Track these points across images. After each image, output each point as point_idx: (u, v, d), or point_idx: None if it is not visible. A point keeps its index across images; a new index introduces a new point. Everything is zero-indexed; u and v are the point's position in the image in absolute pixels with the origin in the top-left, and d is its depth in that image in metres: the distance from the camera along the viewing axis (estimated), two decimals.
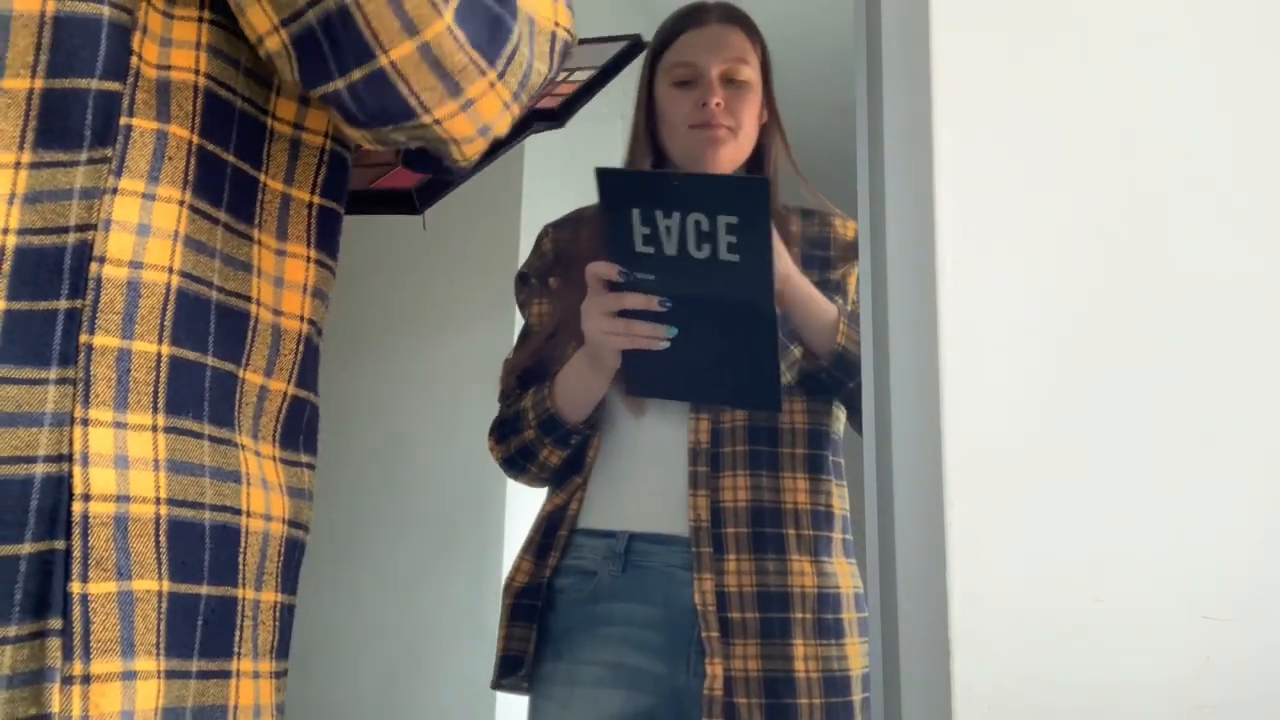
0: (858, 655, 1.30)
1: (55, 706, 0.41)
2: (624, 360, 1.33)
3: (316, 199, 0.61)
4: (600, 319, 1.31)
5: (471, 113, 0.58)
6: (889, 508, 1.71)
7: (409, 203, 1.03)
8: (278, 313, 0.57)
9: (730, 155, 1.36)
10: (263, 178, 0.57)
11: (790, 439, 1.33)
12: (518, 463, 1.48)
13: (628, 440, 1.38)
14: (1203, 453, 1.50)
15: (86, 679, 0.43)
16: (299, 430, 0.59)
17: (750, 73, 1.42)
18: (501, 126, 0.62)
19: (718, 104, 1.40)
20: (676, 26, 1.49)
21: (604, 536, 1.38)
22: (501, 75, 0.59)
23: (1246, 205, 1.55)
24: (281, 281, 0.57)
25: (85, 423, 0.45)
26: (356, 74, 0.54)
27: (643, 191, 1.21)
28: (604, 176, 1.18)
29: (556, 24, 0.68)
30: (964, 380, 1.57)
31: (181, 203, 0.49)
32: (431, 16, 0.54)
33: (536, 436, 1.43)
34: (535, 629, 1.35)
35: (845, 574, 1.31)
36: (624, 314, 1.28)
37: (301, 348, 0.59)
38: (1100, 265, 1.57)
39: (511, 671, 1.39)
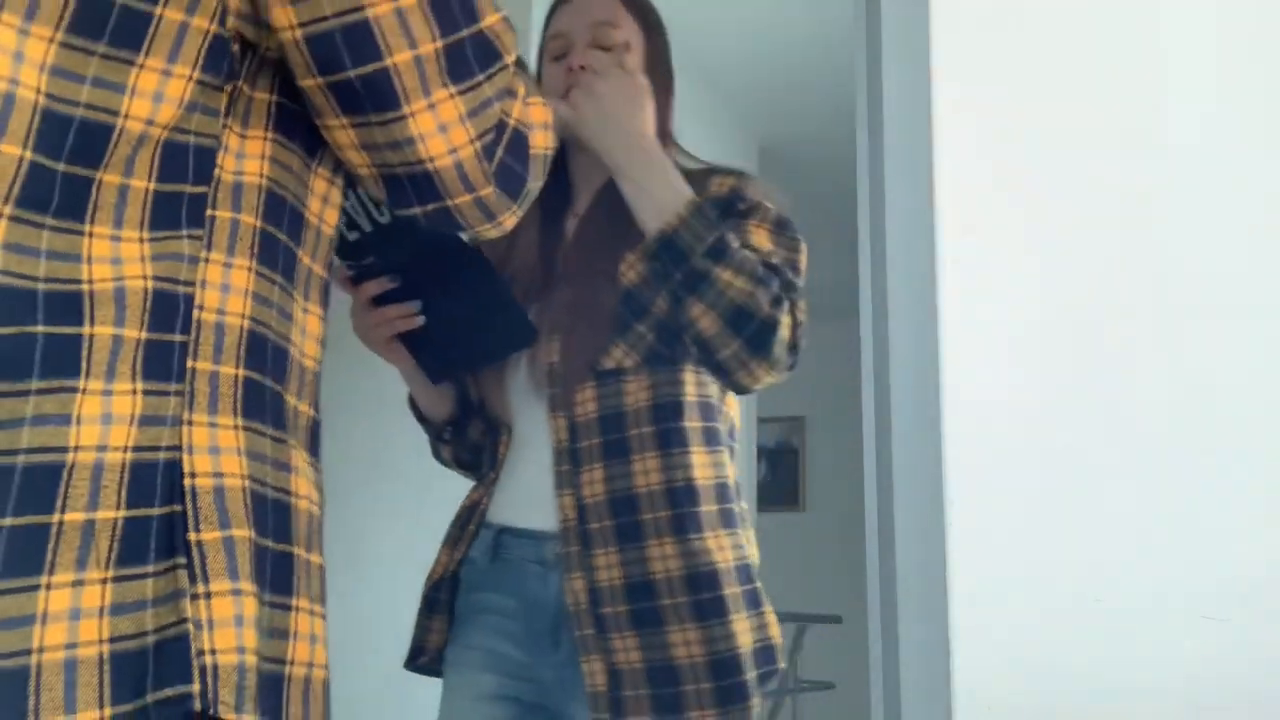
0: (746, 631, 1.26)
1: (189, 613, 0.60)
2: (411, 351, 1.35)
3: (323, 273, 0.81)
4: (358, 319, 1.33)
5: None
6: (889, 508, 1.72)
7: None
8: (303, 354, 0.77)
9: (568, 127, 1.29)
10: (301, 254, 0.75)
11: (635, 419, 1.28)
12: (435, 457, 1.52)
13: (518, 438, 1.40)
14: (1203, 453, 1.50)
15: (208, 595, 0.61)
16: (317, 441, 0.77)
17: (623, 35, 1.34)
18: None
19: (581, 67, 1.36)
20: (553, 7, 1.45)
21: (487, 529, 1.40)
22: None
23: (1247, 206, 1.55)
24: (305, 331, 0.77)
25: (190, 423, 0.64)
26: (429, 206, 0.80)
27: None
28: None
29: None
30: (964, 380, 1.57)
31: (249, 269, 0.69)
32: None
33: (428, 437, 1.48)
34: (445, 618, 1.38)
35: (722, 548, 1.27)
36: (379, 305, 1.30)
37: (315, 379, 0.79)
38: (1100, 266, 1.57)
39: (414, 658, 1.43)
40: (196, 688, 0.59)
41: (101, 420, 0.60)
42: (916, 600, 1.58)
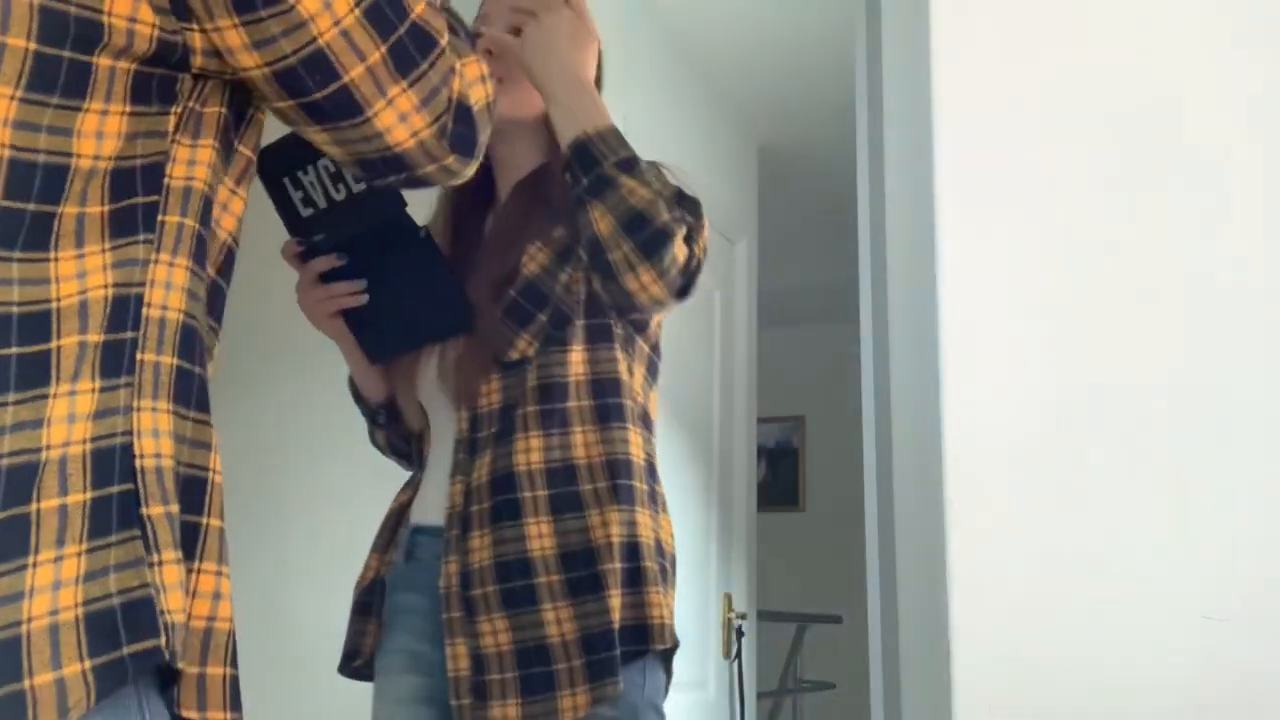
0: (620, 609, 1.23)
1: (149, 578, 0.70)
2: (352, 329, 1.36)
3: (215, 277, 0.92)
4: (304, 294, 1.34)
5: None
6: (889, 508, 1.72)
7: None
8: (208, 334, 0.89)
9: (505, 105, 1.29)
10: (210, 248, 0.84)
11: (522, 399, 1.29)
12: (372, 442, 1.52)
13: (433, 435, 1.40)
14: (1203, 453, 1.50)
15: (160, 564, 0.71)
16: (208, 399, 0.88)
17: (539, 6, 1.35)
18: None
19: (487, 50, 1.36)
20: None
21: (408, 530, 1.41)
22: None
23: (1247, 207, 1.55)
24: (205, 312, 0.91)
25: (138, 409, 0.73)
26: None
27: (282, 157, 1.23)
28: (259, 155, 1.21)
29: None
30: (964, 380, 1.57)
31: (187, 267, 0.79)
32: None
33: (364, 419, 1.48)
34: (377, 622, 1.38)
35: (606, 524, 1.23)
36: (326, 281, 1.30)
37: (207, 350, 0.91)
38: (1101, 266, 1.57)
39: (348, 662, 1.42)
40: (163, 641, 0.69)
41: (68, 420, 0.70)
42: (916, 600, 1.58)
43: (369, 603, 1.41)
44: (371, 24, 0.83)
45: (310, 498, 2.31)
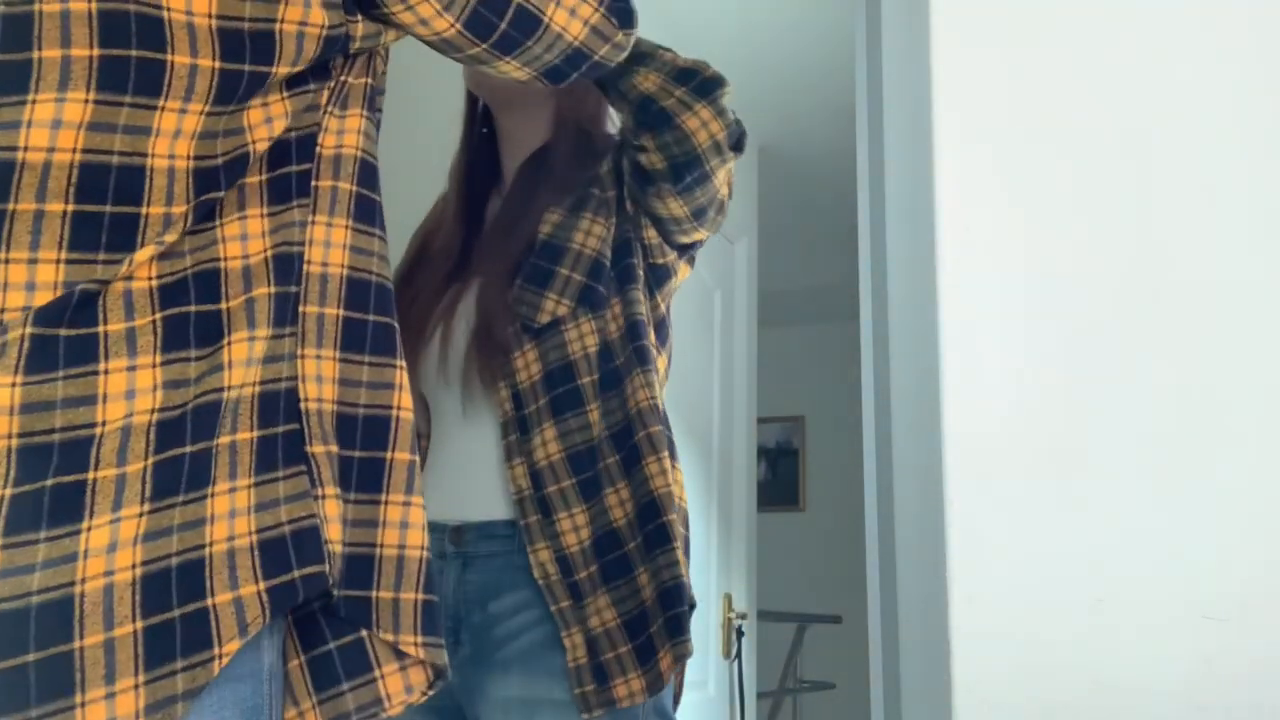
0: (682, 561, 1.24)
1: (315, 510, 0.76)
2: None
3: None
4: None
5: None
6: (889, 508, 1.72)
7: None
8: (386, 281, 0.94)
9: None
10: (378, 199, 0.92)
11: (584, 367, 1.24)
12: None
13: (434, 434, 1.37)
14: (1202, 454, 1.50)
15: (323, 497, 0.77)
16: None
17: None
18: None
19: None
20: None
21: None
22: None
23: (1247, 207, 1.55)
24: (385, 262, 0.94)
25: (302, 357, 0.80)
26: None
27: None
28: None
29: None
30: (964, 380, 1.57)
31: (346, 226, 0.85)
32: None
33: None
34: None
35: (664, 471, 1.24)
36: None
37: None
38: (1100, 267, 1.57)
39: None
40: (326, 568, 0.75)
41: (245, 364, 0.76)
42: (916, 600, 1.58)
43: None
44: None
45: None
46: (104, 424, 0.70)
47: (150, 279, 0.75)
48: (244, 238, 0.79)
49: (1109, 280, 1.56)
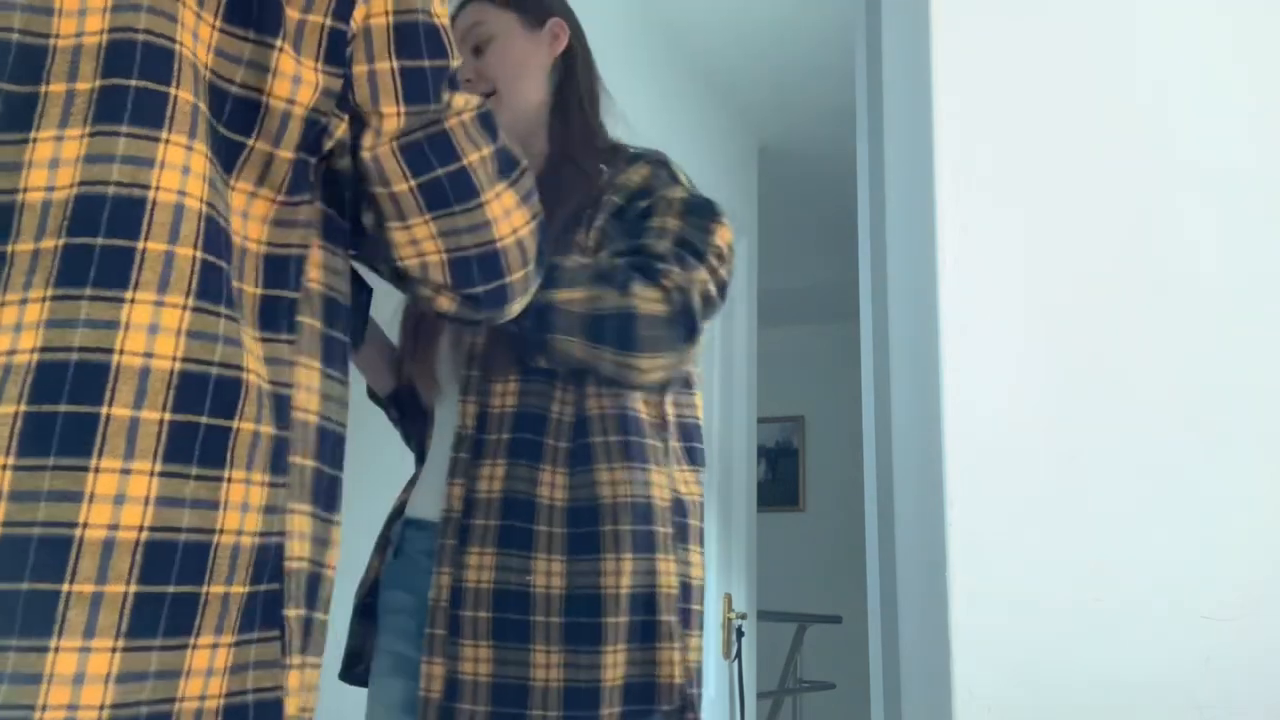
0: (617, 665, 1.16)
1: (283, 681, 0.74)
2: None
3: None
4: None
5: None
6: (889, 508, 1.72)
7: None
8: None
9: (506, 116, 1.30)
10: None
11: (555, 430, 1.19)
12: (408, 446, 1.49)
13: (436, 426, 1.35)
14: (1203, 453, 1.50)
15: (290, 666, 0.75)
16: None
17: (490, 28, 1.35)
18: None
19: (467, 80, 1.38)
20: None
21: (401, 524, 1.37)
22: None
23: (1247, 207, 1.55)
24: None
25: (291, 513, 0.77)
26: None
27: None
28: None
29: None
30: (964, 380, 1.57)
31: (319, 371, 0.86)
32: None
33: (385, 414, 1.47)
34: (374, 625, 1.34)
35: (620, 572, 1.16)
36: None
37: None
38: (1101, 265, 1.57)
39: (350, 667, 1.38)
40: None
41: (241, 509, 0.72)
42: (916, 600, 1.58)
43: (370, 605, 1.37)
44: (482, 126, 0.92)
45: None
46: (85, 526, 0.66)
47: (174, 358, 0.71)
48: (249, 352, 0.75)
49: (1108, 280, 1.56)
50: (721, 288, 1.26)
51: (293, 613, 0.75)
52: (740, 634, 3.04)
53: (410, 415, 1.44)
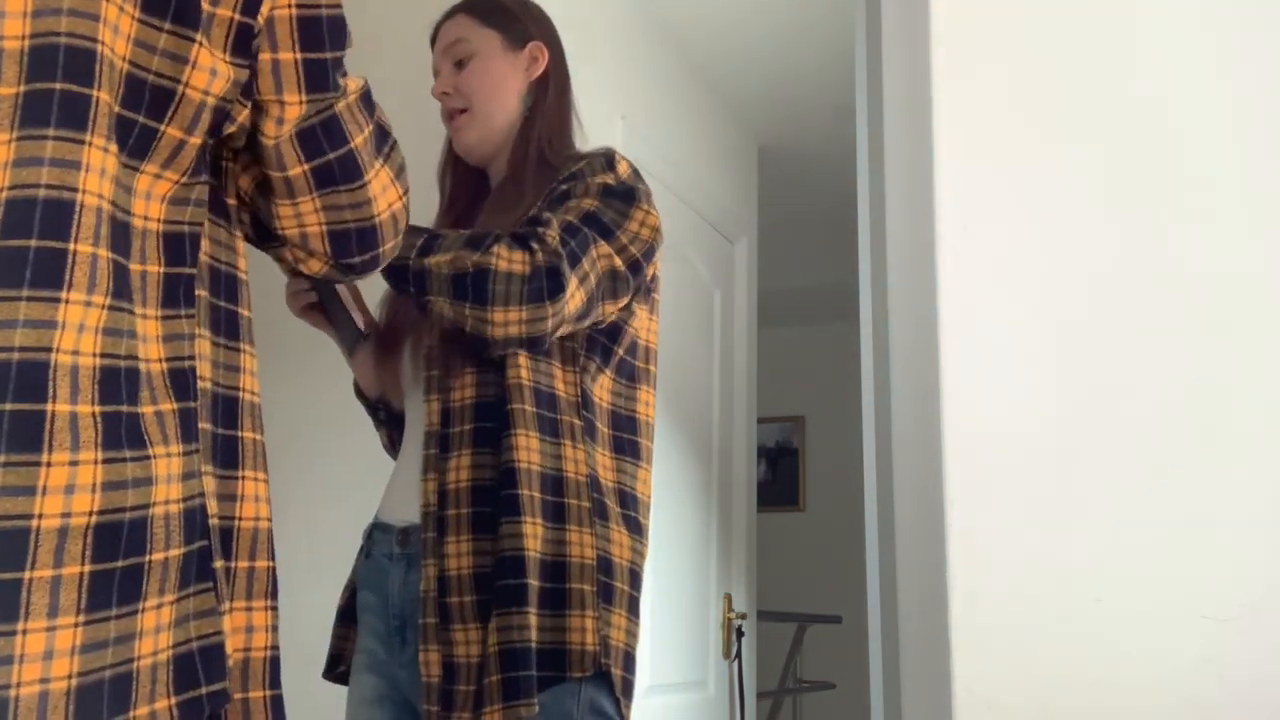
0: (536, 628, 1.20)
1: (221, 626, 0.80)
2: (330, 323, 1.39)
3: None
4: (288, 284, 1.37)
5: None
6: (889, 508, 1.72)
7: None
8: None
9: (473, 137, 1.40)
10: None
11: (504, 408, 1.25)
12: (386, 448, 1.52)
13: (406, 429, 1.41)
14: (1203, 453, 1.50)
15: (226, 612, 0.82)
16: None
17: (473, 45, 1.40)
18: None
19: (444, 93, 1.43)
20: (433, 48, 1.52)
21: (370, 525, 1.42)
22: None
23: (1247, 207, 1.55)
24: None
25: (204, 475, 0.82)
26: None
27: None
28: None
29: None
30: (964, 380, 1.57)
31: (217, 344, 0.90)
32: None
33: (369, 416, 1.50)
34: (354, 627, 1.39)
35: (535, 535, 1.21)
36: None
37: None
38: (1101, 265, 1.57)
39: (332, 667, 1.43)
40: (228, 684, 0.80)
41: (166, 480, 0.76)
42: (916, 600, 1.58)
43: (350, 607, 1.41)
44: (363, 107, 0.96)
45: (310, 496, 2.31)
46: (41, 517, 0.70)
47: (95, 355, 0.74)
48: (143, 339, 0.79)
49: (1108, 280, 1.56)
50: (633, 264, 1.29)
51: (220, 564, 0.80)
52: (740, 634, 3.04)
53: (395, 419, 1.47)
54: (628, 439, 1.36)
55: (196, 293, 0.84)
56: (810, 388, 5.66)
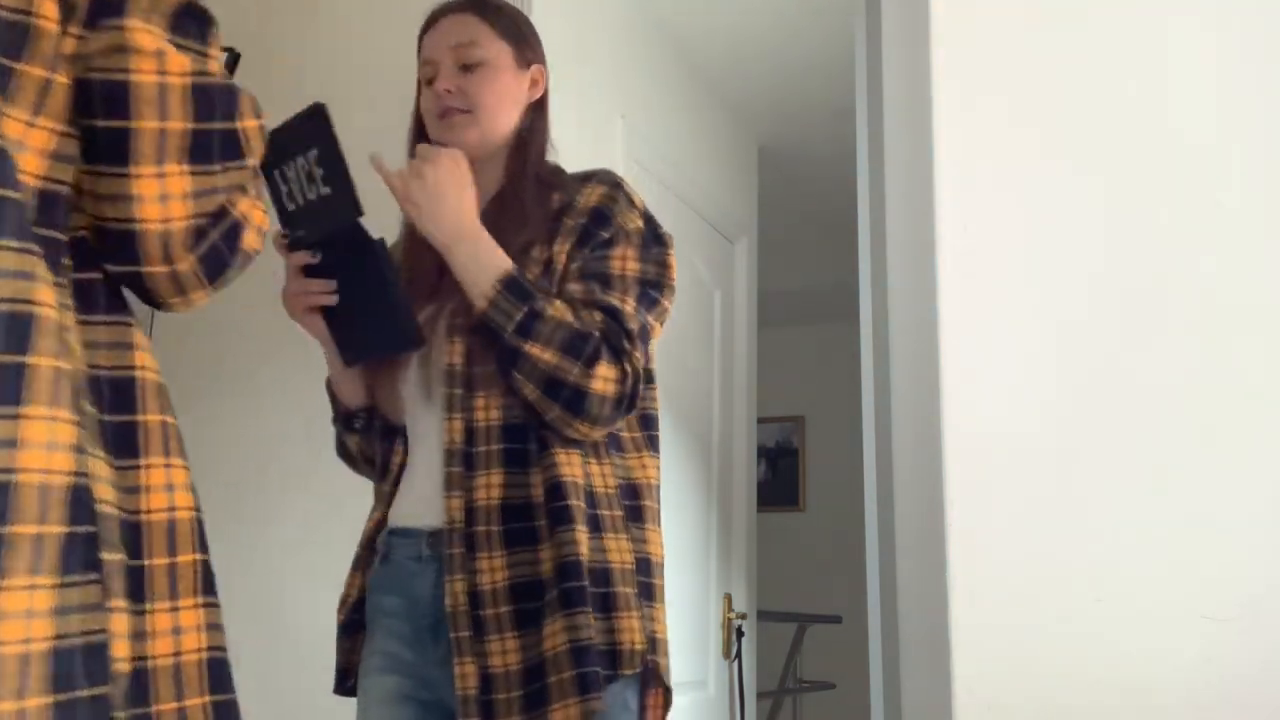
0: (576, 629, 1.26)
1: (107, 624, 0.73)
2: (330, 329, 1.39)
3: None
4: (286, 284, 1.40)
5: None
6: (889, 508, 1.72)
7: None
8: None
9: (473, 137, 1.41)
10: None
11: (535, 434, 1.31)
12: (340, 454, 1.55)
13: (411, 439, 1.43)
14: (1203, 454, 1.50)
15: (114, 610, 0.74)
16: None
17: (485, 53, 1.42)
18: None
19: (447, 90, 1.43)
20: (421, 31, 1.52)
21: (382, 531, 1.44)
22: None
23: (1247, 208, 1.55)
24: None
25: (94, 456, 0.76)
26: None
27: (274, 150, 1.28)
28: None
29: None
30: (964, 380, 1.57)
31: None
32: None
33: (335, 427, 1.51)
34: (361, 639, 1.42)
35: (580, 543, 1.28)
36: (306, 277, 1.37)
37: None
38: (1100, 267, 1.57)
39: (343, 681, 1.45)
40: (110, 689, 0.74)
41: (48, 447, 0.71)
42: (916, 600, 1.58)
43: (355, 620, 1.43)
44: (195, 100, 0.82)
45: (305, 500, 2.31)
46: None
47: None
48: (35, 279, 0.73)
49: (1108, 280, 1.56)
50: (663, 316, 1.40)
51: (110, 556, 0.74)
52: (740, 634, 3.04)
53: (374, 431, 1.48)
54: (645, 435, 1.42)
55: (63, 261, 0.77)
56: (810, 388, 5.65)
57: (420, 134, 1.49)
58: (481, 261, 1.31)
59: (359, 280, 1.35)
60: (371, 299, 1.36)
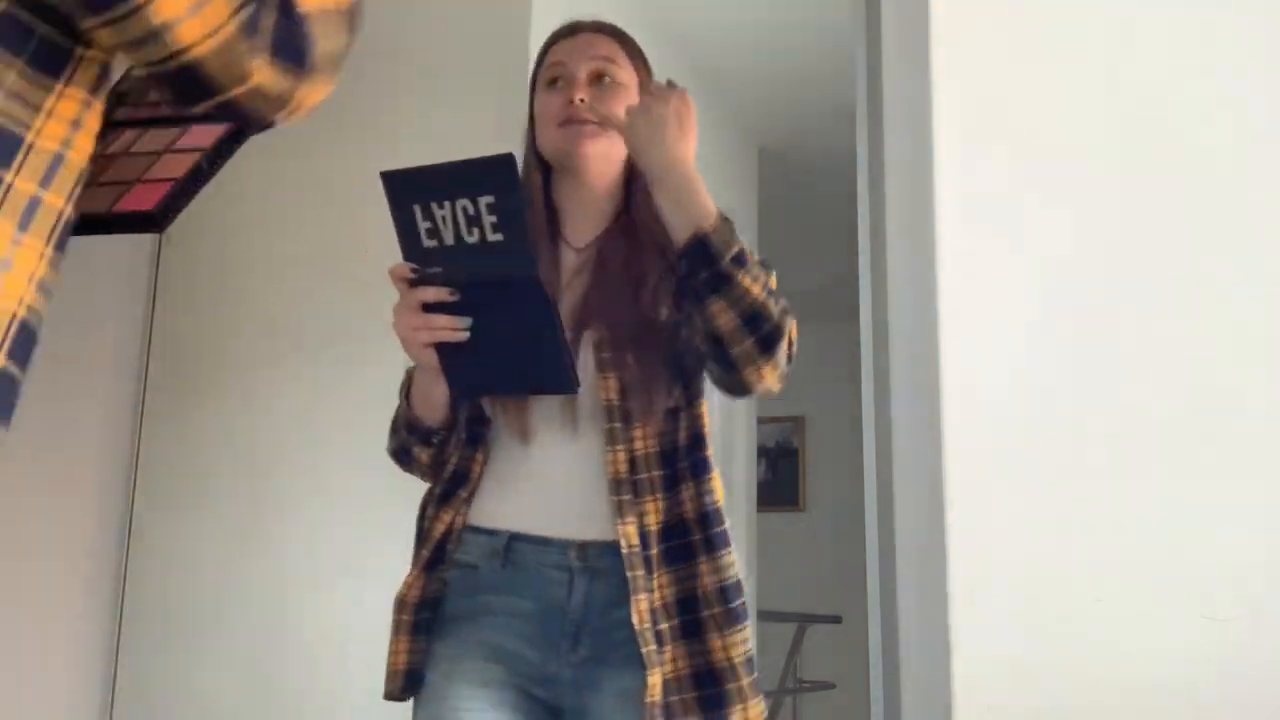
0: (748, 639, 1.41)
1: None
2: (441, 360, 1.41)
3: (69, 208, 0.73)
4: (403, 316, 1.41)
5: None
6: (889, 508, 1.72)
7: (150, 222, 1.07)
8: None
9: (602, 149, 1.45)
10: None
11: (682, 454, 1.42)
12: (401, 458, 1.58)
13: (515, 457, 1.47)
14: (1203, 454, 1.50)
15: None
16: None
17: (621, 74, 1.48)
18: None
19: (581, 99, 1.45)
20: (552, 39, 1.57)
21: (486, 534, 1.46)
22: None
23: (1247, 208, 1.55)
24: (9, 264, 0.69)
25: None
26: None
27: (418, 187, 1.28)
28: (385, 178, 1.24)
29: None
30: (964, 380, 1.57)
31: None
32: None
33: (407, 436, 1.54)
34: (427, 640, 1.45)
35: (733, 564, 1.40)
36: (427, 311, 1.38)
37: (14, 328, 0.70)
38: (1101, 267, 1.57)
39: (412, 683, 1.46)
40: None
41: None
42: (916, 600, 1.58)
43: (425, 620, 1.45)
44: None
45: (310, 501, 2.31)
46: None
47: None
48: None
49: (1109, 280, 1.56)
50: None
51: None
52: None
53: (449, 444, 1.53)
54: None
55: None
56: (810, 388, 5.65)
57: (534, 139, 1.51)
58: (697, 190, 1.37)
59: (510, 323, 1.37)
60: (524, 343, 1.38)
